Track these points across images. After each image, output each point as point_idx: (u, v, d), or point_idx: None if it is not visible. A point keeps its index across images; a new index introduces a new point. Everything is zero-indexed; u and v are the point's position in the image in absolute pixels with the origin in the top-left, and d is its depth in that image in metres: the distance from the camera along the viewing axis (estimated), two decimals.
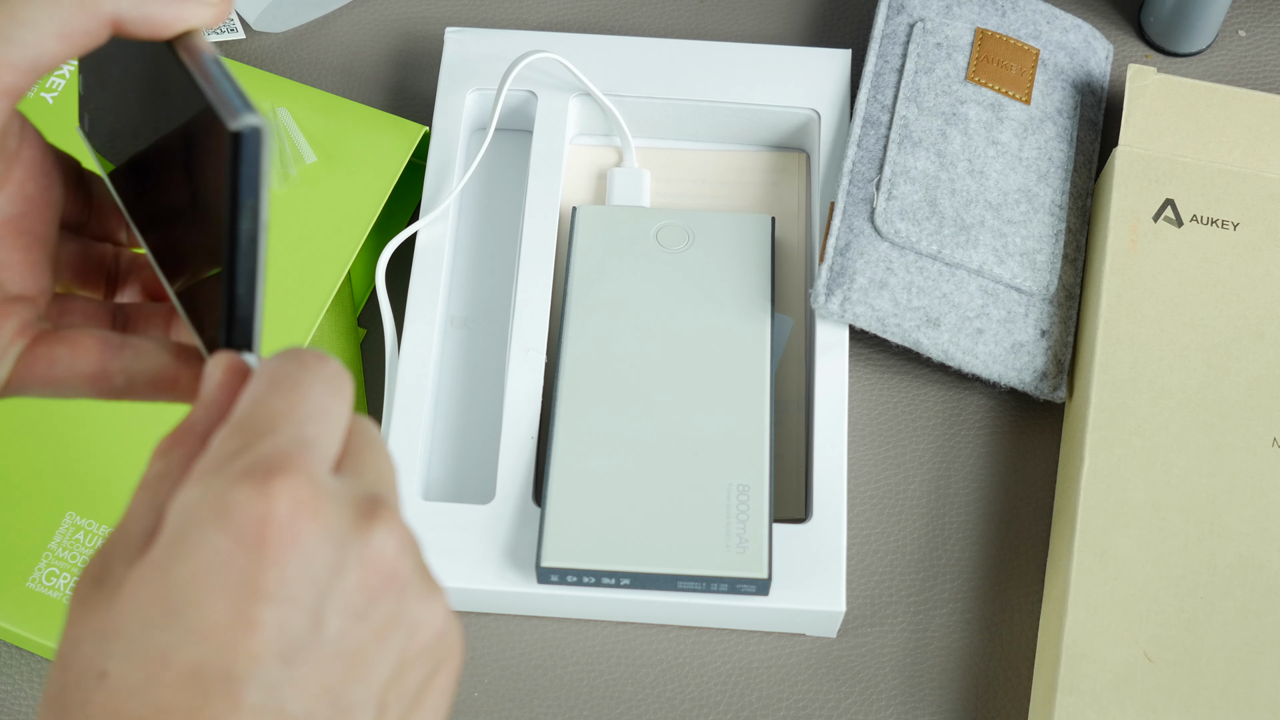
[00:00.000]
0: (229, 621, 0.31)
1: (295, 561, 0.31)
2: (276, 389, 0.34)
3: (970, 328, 0.60)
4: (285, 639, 0.31)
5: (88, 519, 0.56)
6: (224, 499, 0.32)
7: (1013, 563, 0.60)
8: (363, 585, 0.32)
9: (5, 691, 0.57)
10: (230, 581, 0.31)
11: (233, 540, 0.31)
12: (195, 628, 0.31)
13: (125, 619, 0.31)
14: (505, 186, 0.66)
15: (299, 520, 0.32)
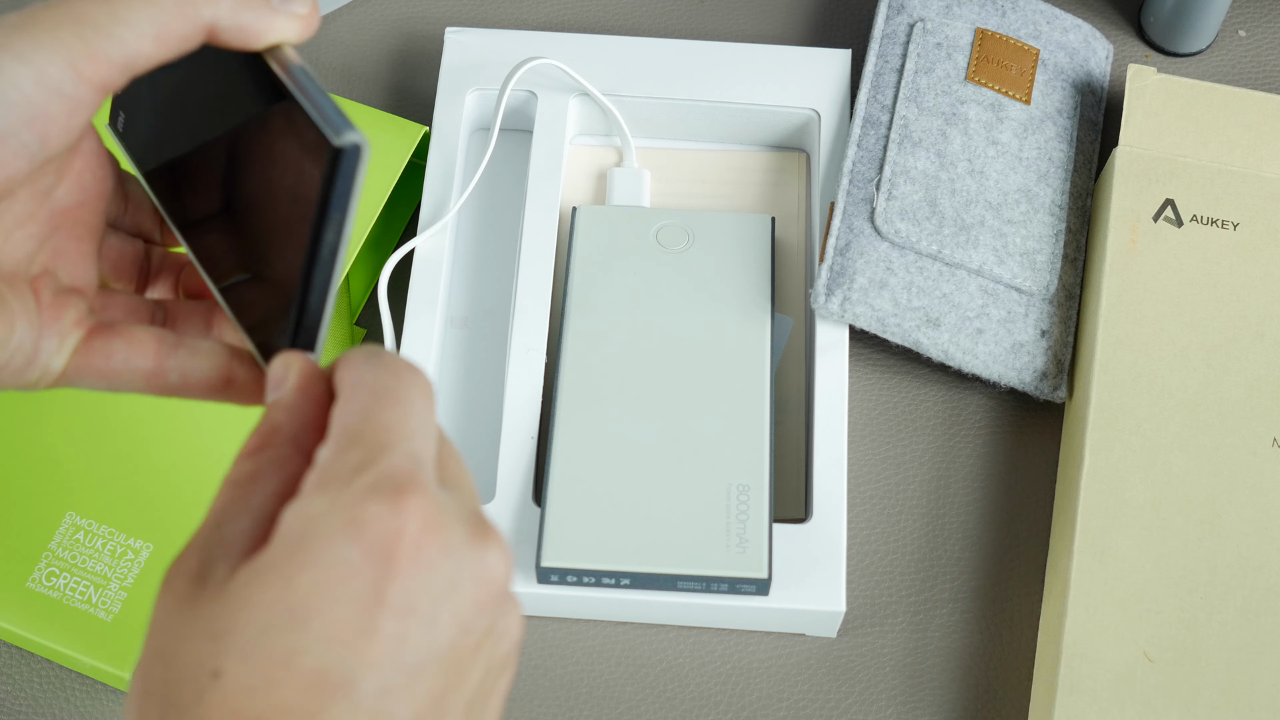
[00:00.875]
0: (354, 630, 0.32)
1: (420, 576, 0.33)
2: (383, 403, 0.35)
3: (970, 328, 0.60)
4: (405, 649, 0.32)
5: (88, 519, 0.56)
6: (355, 513, 0.33)
7: (1013, 563, 0.60)
8: (474, 600, 0.34)
9: (5, 691, 0.57)
10: (358, 592, 0.32)
11: (363, 553, 0.32)
12: (321, 633, 0.32)
13: (241, 620, 0.32)
14: (505, 186, 0.66)
15: (425, 537, 0.33)
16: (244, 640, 0.32)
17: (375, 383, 0.35)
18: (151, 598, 0.55)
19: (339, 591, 0.32)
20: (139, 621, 0.54)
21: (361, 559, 0.32)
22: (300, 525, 0.33)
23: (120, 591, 0.55)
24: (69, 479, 0.57)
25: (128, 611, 0.55)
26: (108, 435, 0.58)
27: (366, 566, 0.32)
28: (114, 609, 0.55)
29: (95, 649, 0.54)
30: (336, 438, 0.35)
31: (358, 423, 0.35)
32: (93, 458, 0.57)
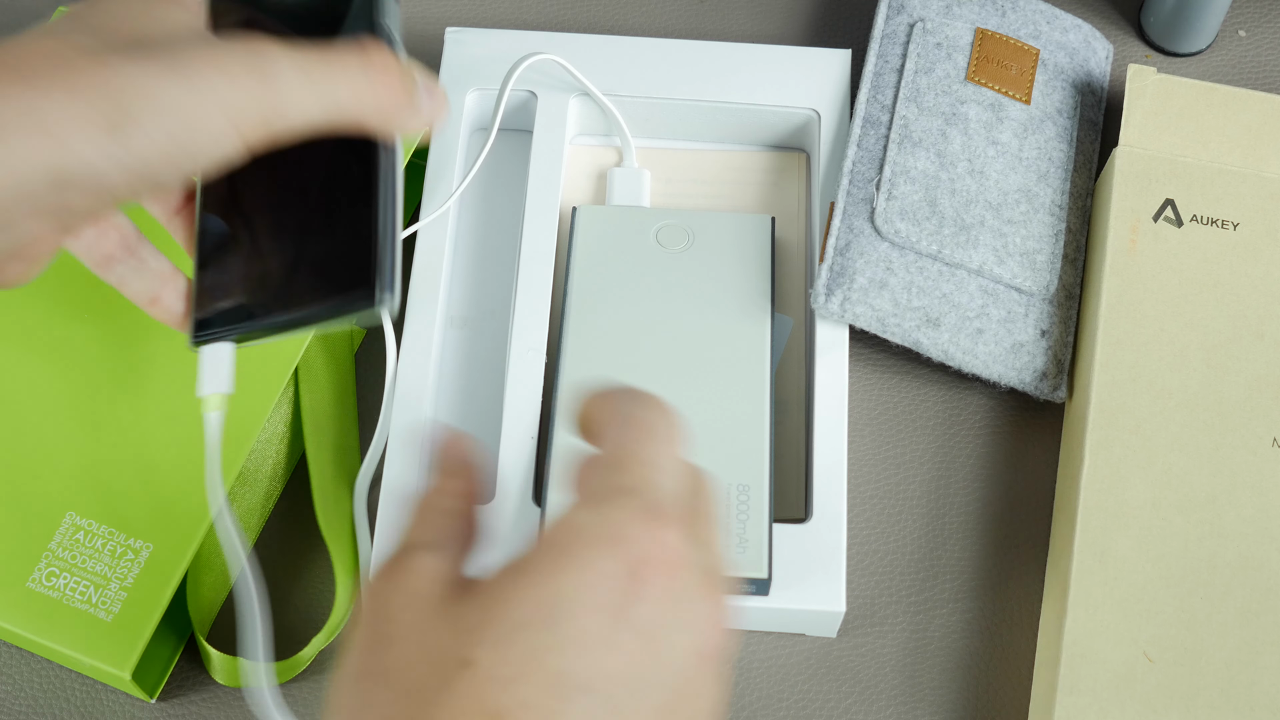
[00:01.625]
0: (600, 639, 0.34)
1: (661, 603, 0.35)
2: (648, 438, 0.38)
3: (970, 328, 0.60)
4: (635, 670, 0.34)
5: (88, 519, 0.56)
6: (617, 529, 0.35)
7: (1013, 563, 0.60)
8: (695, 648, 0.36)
9: (5, 691, 0.57)
10: (608, 602, 0.34)
11: (618, 566, 0.35)
12: (571, 636, 0.34)
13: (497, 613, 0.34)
14: (505, 186, 0.66)
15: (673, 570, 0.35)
16: (498, 633, 0.34)
17: (642, 419, 0.39)
18: (151, 598, 0.55)
19: (592, 598, 0.34)
20: (139, 622, 0.54)
21: (616, 571, 0.35)
22: (565, 534, 0.36)
23: (120, 592, 0.55)
24: (69, 479, 0.57)
25: (127, 611, 0.55)
26: (108, 435, 0.58)
27: (620, 580, 0.35)
28: (114, 609, 0.55)
29: (95, 649, 0.54)
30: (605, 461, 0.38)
31: (626, 452, 0.38)
32: (93, 458, 0.57)
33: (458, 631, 0.35)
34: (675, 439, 0.39)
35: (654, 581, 0.35)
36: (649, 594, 0.35)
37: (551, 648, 0.34)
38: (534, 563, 0.35)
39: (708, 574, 0.37)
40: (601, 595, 0.35)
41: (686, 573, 0.36)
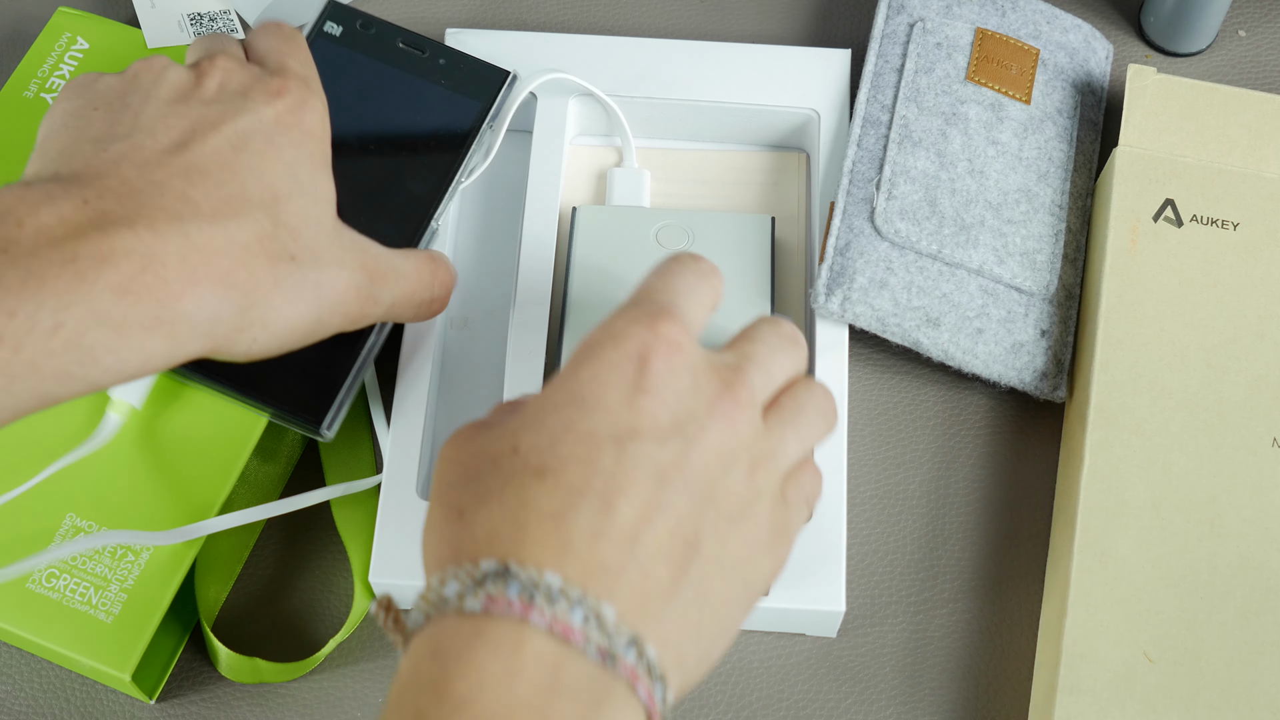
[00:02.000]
0: (618, 405, 0.43)
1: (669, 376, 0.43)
2: (658, 275, 0.47)
3: (970, 327, 0.60)
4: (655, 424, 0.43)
5: (88, 520, 0.56)
6: (619, 329, 0.44)
7: (1013, 563, 0.60)
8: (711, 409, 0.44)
9: (5, 691, 0.57)
10: (621, 380, 0.43)
11: (624, 355, 0.43)
12: (593, 407, 0.43)
13: (533, 410, 0.43)
14: (505, 186, 0.66)
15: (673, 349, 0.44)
16: (535, 419, 0.43)
17: (662, 266, 0.48)
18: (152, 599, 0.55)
19: (607, 380, 0.43)
20: (139, 623, 0.54)
21: (624, 359, 0.43)
22: (582, 348, 0.44)
23: (120, 593, 0.55)
24: (69, 479, 0.57)
25: (128, 613, 0.55)
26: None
27: (628, 364, 0.43)
28: (114, 610, 0.55)
29: (95, 650, 0.54)
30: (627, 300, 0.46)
31: (640, 287, 0.47)
32: (93, 458, 0.57)
33: (505, 433, 0.43)
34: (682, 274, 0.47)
35: (659, 360, 0.43)
36: (655, 369, 0.43)
37: (580, 418, 0.42)
38: (560, 372, 0.44)
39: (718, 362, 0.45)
40: (616, 377, 0.43)
41: (691, 355, 0.44)
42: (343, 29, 0.63)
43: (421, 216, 0.60)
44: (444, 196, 0.60)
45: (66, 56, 0.66)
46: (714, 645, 0.44)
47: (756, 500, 0.45)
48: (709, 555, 0.43)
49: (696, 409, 0.44)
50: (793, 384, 0.48)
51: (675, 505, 0.42)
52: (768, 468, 0.45)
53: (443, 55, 0.63)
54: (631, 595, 0.41)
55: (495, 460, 0.43)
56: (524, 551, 0.40)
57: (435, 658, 0.39)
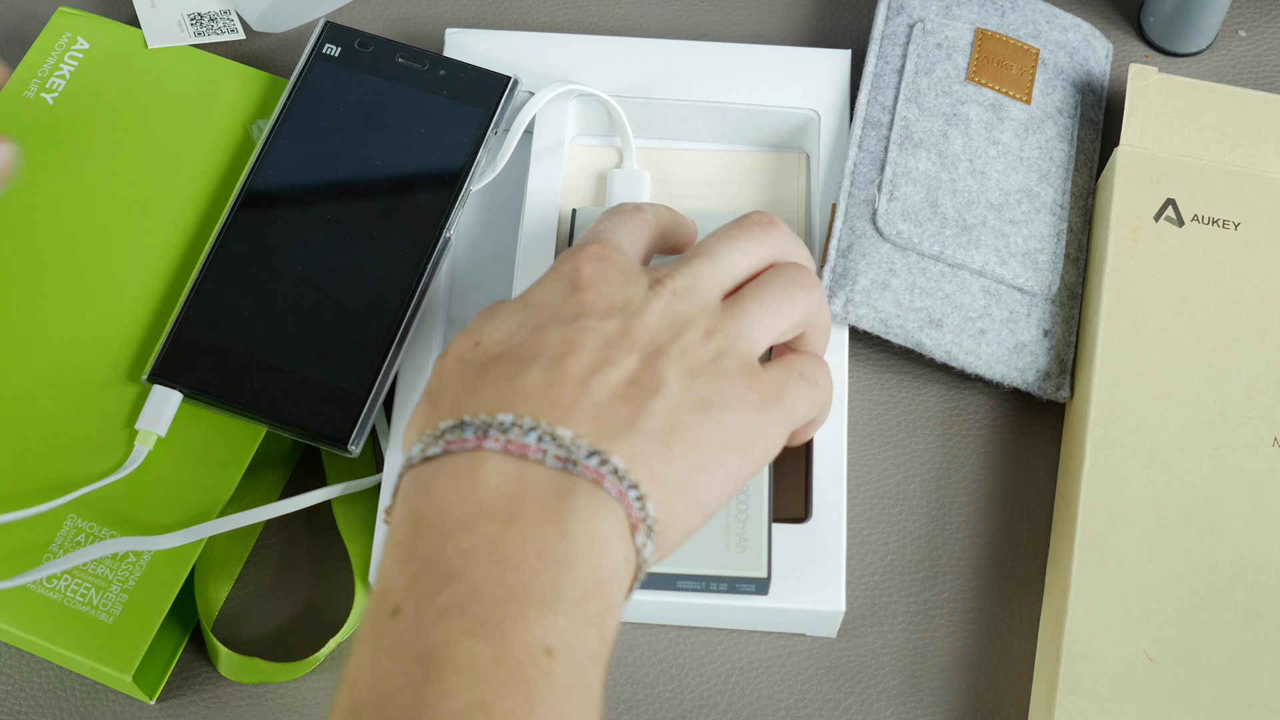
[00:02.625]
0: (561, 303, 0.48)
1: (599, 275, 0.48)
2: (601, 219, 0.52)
3: (973, 328, 0.60)
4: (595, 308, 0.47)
5: (89, 522, 0.56)
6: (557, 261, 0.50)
7: (1013, 563, 0.60)
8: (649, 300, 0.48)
9: (5, 691, 0.57)
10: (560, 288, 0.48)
11: (560, 273, 0.49)
12: (539, 306, 0.48)
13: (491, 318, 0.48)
14: (505, 186, 0.66)
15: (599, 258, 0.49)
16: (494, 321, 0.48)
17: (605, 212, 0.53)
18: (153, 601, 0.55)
19: (548, 290, 0.48)
20: (140, 624, 0.54)
21: (560, 276, 0.49)
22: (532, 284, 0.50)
23: (122, 594, 0.55)
24: (70, 481, 0.57)
25: (129, 614, 0.55)
26: (109, 437, 0.58)
27: (564, 278, 0.49)
28: (115, 611, 0.55)
29: (96, 651, 0.54)
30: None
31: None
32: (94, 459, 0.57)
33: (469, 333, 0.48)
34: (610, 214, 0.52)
35: (587, 266, 0.49)
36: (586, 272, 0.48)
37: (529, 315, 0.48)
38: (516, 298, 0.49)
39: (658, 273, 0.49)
40: (555, 287, 0.48)
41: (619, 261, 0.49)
42: (341, 49, 0.63)
43: (434, 229, 0.60)
44: (454, 207, 0.60)
45: (66, 56, 0.66)
46: (693, 475, 0.45)
47: (719, 358, 0.47)
48: (671, 395, 0.45)
49: (632, 296, 0.48)
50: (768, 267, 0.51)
51: (625, 361, 0.46)
52: (726, 332, 0.48)
53: (443, 66, 0.63)
54: (588, 423, 0.44)
55: (460, 356, 0.47)
56: (477, 406, 0.44)
57: (406, 501, 0.43)
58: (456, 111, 0.62)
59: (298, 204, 0.60)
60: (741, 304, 0.49)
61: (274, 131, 0.62)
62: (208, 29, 0.68)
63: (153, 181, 0.63)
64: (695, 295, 0.49)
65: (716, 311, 0.49)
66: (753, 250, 0.51)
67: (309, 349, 0.58)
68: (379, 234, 0.59)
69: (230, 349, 0.58)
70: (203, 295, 0.59)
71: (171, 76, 0.65)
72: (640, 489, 0.43)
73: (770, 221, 0.52)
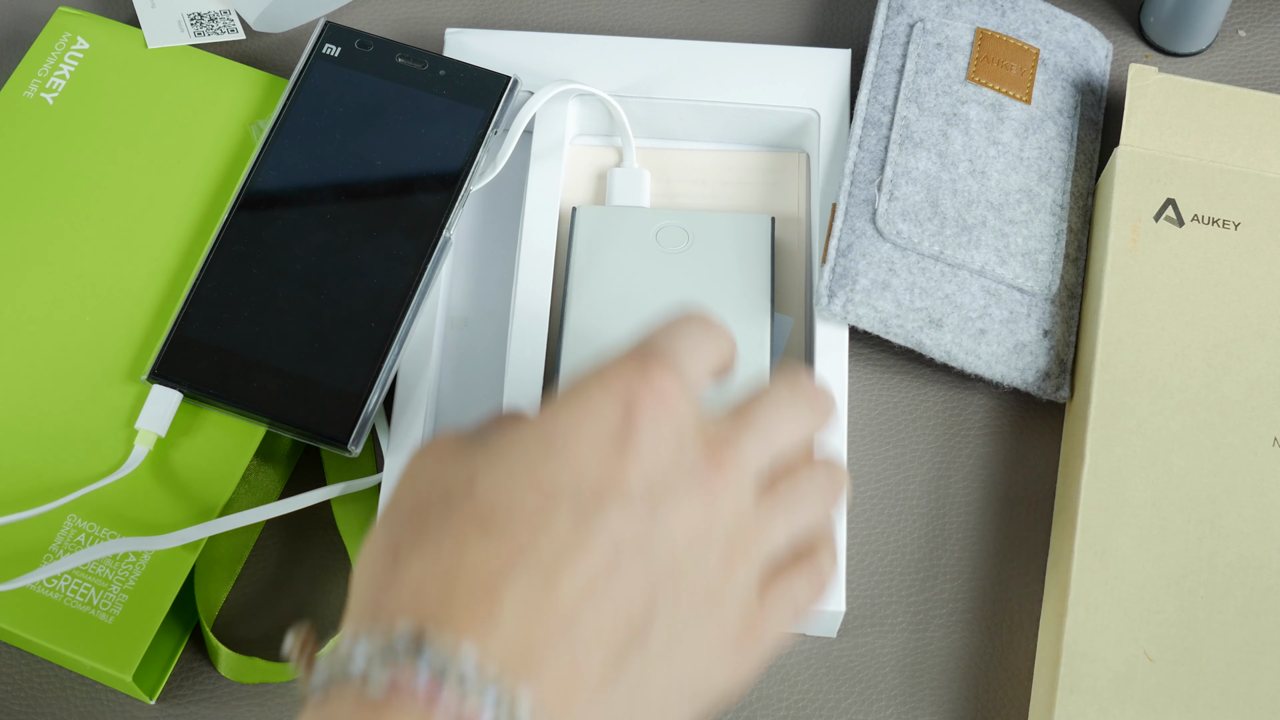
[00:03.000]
0: (590, 459, 0.38)
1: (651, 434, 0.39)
2: (663, 325, 0.42)
3: (973, 328, 0.60)
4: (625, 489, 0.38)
5: (89, 521, 0.56)
6: (609, 371, 0.40)
7: (1013, 563, 0.60)
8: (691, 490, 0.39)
9: (5, 691, 0.57)
10: (601, 432, 0.39)
11: (610, 401, 0.39)
12: (564, 457, 0.38)
13: (501, 450, 0.39)
14: (505, 186, 0.66)
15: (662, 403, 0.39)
16: (499, 461, 0.39)
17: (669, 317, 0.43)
18: (153, 601, 0.55)
19: (586, 428, 0.39)
20: (140, 624, 0.54)
21: (609, 407, 0.39)
22: (570, 383, 0.40)
23: (122, 594, 0.55)
24: (70, 482, 0.57)
25: (129, 614, 0.55)
26: (109, 437, 0.58)
27: (612, 414, 0.39)
28: (115, 611, 0.55)
29: (96, 651, 0.54)
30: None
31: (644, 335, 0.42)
32: (94, 460, 0.57)
33: (466, 465, 0.39)
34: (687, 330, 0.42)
35: (644, 414, 0.39)
36: (639, 423, 0.39)
37: (545, 464, 0.38)
38: (542, 411, 0.40)
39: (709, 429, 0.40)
40: (595, 427, 0.39)
41: (681, 413, 0.40)
42: (341, 49, 0.63)
43: (434, 229, 0.60)
44: (454, 207, 0.60)
45: (66, 56, 0.66)
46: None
47: (727, 593, 0.40)
48: (655, 649, 0.38)
49: (675, 479, 0.39)
50: (800, 460, 0.43)
51: (627, 586, 0.37)
52: (747, 556, 0.40)
53: (443, 66, 0.63)
54: (556, 681, 0.36)
55: (447, 494, 0.38)
56: (446, 615, 0.36)
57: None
58: (456, 111, 0.62)
59: (298, 204, 0.60)
60: (770, 519, 0.41)
61: (274, 131, 0.62)
62: (208, 29, 0.68)
63: (153, 181, 0.63)
64: (736, 494, 0.40)
65: (745, 518, 0.41)
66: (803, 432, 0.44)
67: (309, 349, 0.58)
68: (379, 234, 0.59)
69: (230, 349, 0.58)
70: (203, 295, 0.59)
71: (171, 76, 0.65)
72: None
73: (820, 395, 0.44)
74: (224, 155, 0.64)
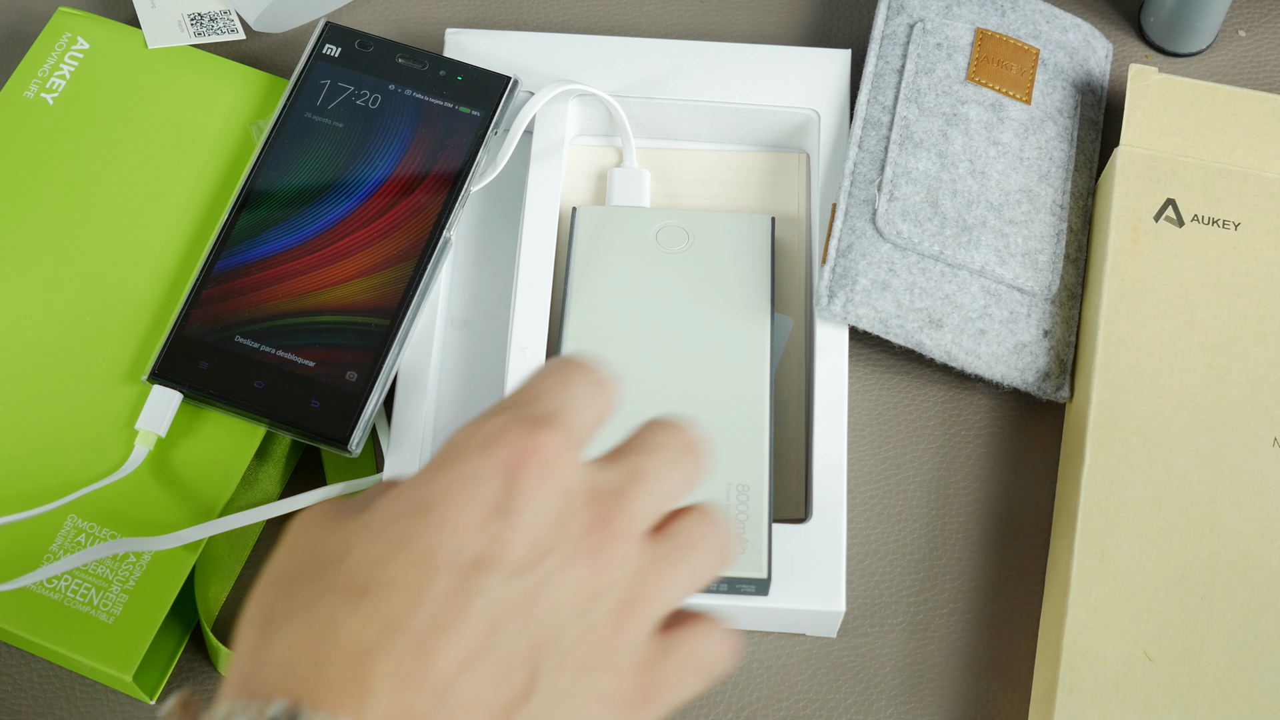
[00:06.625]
0: (469, 526, 0.36)
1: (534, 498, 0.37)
2: (547, 375, 0.40)
3: (973, 328, 0.60)
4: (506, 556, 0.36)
5: (89, 521, 0.56)
6: (493, 435, 0.37)
7: (1013, 563, 0.60)
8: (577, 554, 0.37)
9: (5, 691, 0.57)
10: (480, 496, 0.36)
11: (491, 465, 0.37)
12: (440, 523, 0.36)
13: (377, 518, 0.37)
14: (505, 186, 0.66)
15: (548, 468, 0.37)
16: (376, 525, 0.37)
17: (551, 364, 0.40)
18: (153, 601, 0.55)
19: (464, 492, 0.36)
20: (140, 624, 0.54)
21: (490, 471, 0.37)
22: (446, 446, 0.38)
23: (122, 594, 0.55)
24: (71, 482, 0.57)
25: (129, 614, 0.55)
26: (109, 437, 0.58)
27: (493, 478, 0.37)
28: (115, 611, 0.55)
29: (96, 651, 0.54)
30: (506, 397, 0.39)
31: (524, 385, 0.39)
32: (95, 460, 0.57)
33: (341, 534, 0.37)
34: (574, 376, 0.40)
35: (527, 479, 0.37)
36: (522, 488, 0.37)
37: (422, 533, 0.36)
38: (418, 474, 0.38)
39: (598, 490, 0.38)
40: (474, 491, 0.37)
41: (566, 476, 0.37)
42: (341, 50, 0.63)
43: (434, 229, 0.60)
44: (454, 207, 0.60)
45: (66, 56, 0.66)
46: None
47: (619, 649, 0.38)
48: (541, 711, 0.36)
49: (560, 542, 0.37)
50: (688, 510, 0.41)
51: (508, 654, 0.36)
52: (642, 611, 0.38)
53: (443, 66, 0.63)
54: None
55: (320, 565, 0.37)
56: (318, 692, 0.34)
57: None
58: (456, 112, 0.62)
59: (298, 204, 0.60)
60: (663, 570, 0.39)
61: (274, 131, 0.62)
62: (208, 29, 0.68)
63: (153, 181, 0.63)
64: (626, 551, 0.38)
65: (637, 573, 0.38)
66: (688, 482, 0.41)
67: (309, 349, 0.58)
68: (379, 234, 0.59)
69: (230, 349, 0.58)
70: (203, 295, 0.59)
71: (171, 76, 0.65)
72: None
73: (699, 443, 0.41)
74: (224, 155, 0.64)
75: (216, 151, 0.64)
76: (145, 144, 0.64)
